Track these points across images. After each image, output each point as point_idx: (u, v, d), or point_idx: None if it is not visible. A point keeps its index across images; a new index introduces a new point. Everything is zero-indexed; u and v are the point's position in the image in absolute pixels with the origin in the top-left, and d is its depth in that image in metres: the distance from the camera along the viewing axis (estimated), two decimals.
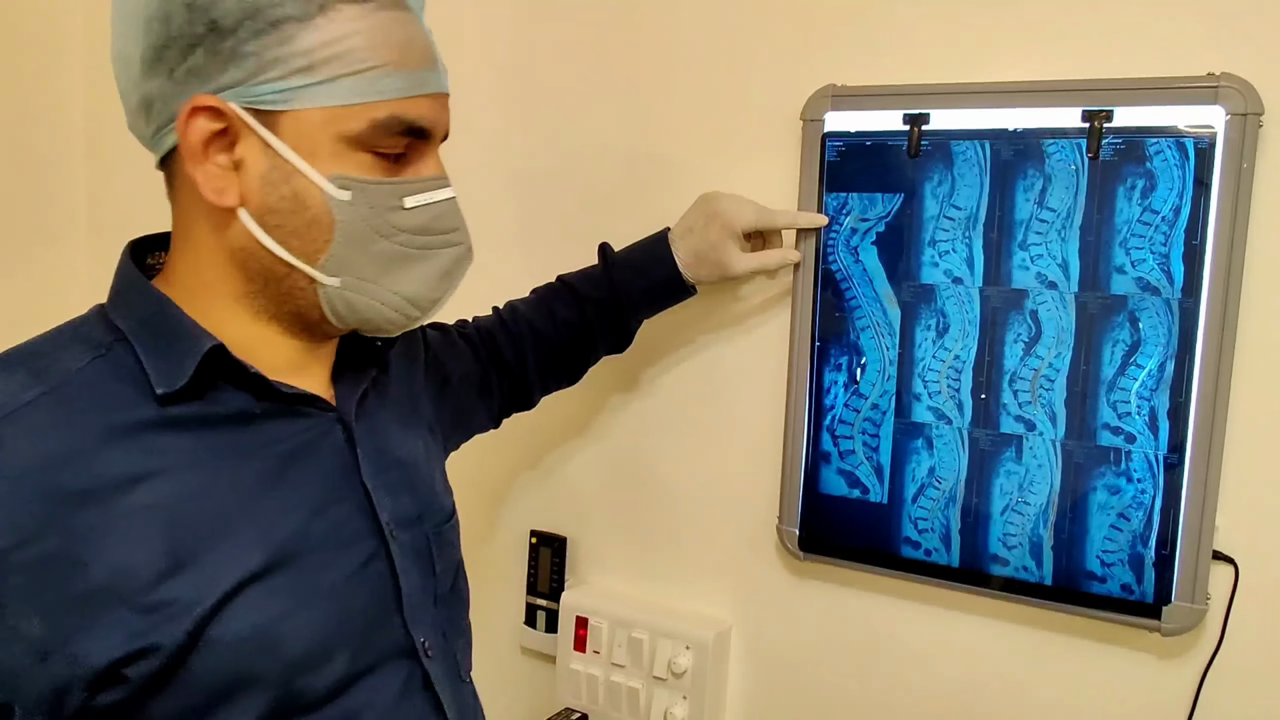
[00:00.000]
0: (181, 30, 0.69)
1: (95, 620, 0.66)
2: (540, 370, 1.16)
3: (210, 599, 0.69)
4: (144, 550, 0.68)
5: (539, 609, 1.39)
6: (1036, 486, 1.05)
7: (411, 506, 0.85)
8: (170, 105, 0.71)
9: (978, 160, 1.05)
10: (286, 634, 0.72)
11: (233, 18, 0.69)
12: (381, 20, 0.72)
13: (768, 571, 1.24)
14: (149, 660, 0.67)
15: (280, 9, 0.69)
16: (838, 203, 1.12)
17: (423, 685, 0.83)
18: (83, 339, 0.74)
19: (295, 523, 0.75)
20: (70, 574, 0.65)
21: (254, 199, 0.73)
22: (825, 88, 1.12)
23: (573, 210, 1.32)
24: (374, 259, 0.75)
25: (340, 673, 0.76)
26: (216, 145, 0.72)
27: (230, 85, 0.70)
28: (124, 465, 0.69)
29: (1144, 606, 1.01)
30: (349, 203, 0.73)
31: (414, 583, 0.83)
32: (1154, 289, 0.99)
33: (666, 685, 1.25)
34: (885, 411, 1.12)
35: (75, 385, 0.70)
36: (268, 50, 0.69)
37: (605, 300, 1.14)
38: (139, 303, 0.75)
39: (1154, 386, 0.99)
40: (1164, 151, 0.97)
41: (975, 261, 1.06)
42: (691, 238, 1.13)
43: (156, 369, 0.72)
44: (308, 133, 0.71)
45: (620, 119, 1.28)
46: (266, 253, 0.74)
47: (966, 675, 1.14)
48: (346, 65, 0.71)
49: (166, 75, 0.71)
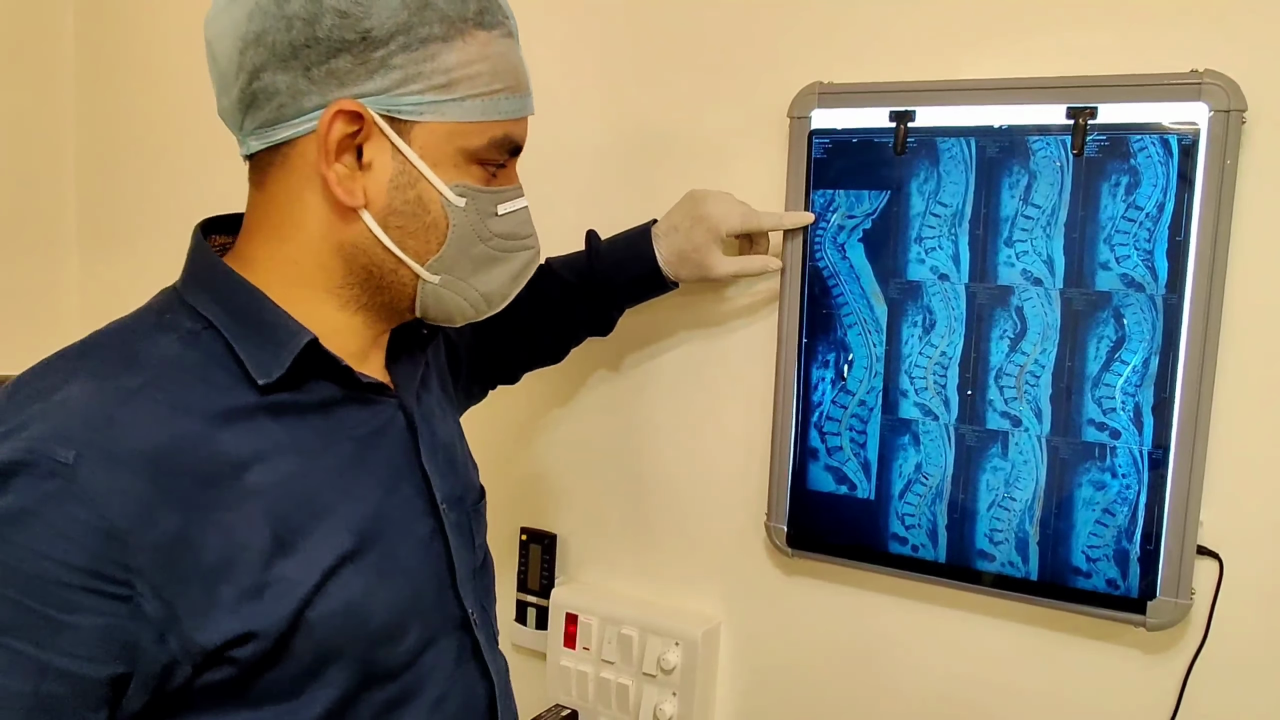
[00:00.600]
0: (329, 34, 0.72)
1: (208, 603, 0.69)
2: (520, 345, 1.19)
3: (312, 579, 0.73)
4: (253, 532, 0.71)
5: (529, 606, 1.39)
6: (1022, 482, 1.05)
7: (456, 486, 0.90)
8: (300, 101, 0.74)
9: (963, 157, 1.05)
10: (372, 610, 0.77)
11: (386, 30, 0.73)
12: (502, 47, 0.78)
13: (756, 568, 1.24)
14: (254, 643, 0.70)
15: (429, 28, 0.74)
16: (824, 200, 1.12)
17: (472, 653, 0.88)
18: (169, 326, 0.76)
19: (374, 504, 0.80)
20: (186, 556, 0.68)
21: (379, 200, 0.77)
22: (812, 85, 1.12)
23: (557, 206, 1.32)
24: (471, 260, 0.82)
25: (411, 644, 0.81)
26: (346, 148, 0.75)
27: (373, 93, 0.74)
28: (235, 449, 0.72)
29: (1129, 601, 1.01)
30: (463, 209, 0.79)
31: (462, 557, 0.88)
32: (1138, 285, 0.99)
33: (656, 682, 1.25)
34: (872, 408, 1.12)
35: (176, 371, 0.73)
36: (413, 65, 0.74)
37: (585, 287, 1.16)
38: (226, 291, 0.77)
39: (1138, 382, 1.00)
40: (1148, 148, 0.97)
41: (961, 258, 1.06)
42: (675, 237, 1.14)
43: (253, 359, 0.75)
44: (435, 143, 0.76)
45: (606, 117, 1.29)
46: (381, 250, 0.78)
47: (954, 670, 1.14)
48: (476, 86, 0.76)
49: (302, 72, 0.73)
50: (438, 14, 0.74)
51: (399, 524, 0.82)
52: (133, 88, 1.69)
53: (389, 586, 0.79)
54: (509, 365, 1.21)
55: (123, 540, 0.66)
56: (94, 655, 0.66)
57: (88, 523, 0.65)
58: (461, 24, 0.75)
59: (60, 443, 0.66)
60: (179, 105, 1.62)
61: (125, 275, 1.68)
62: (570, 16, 1.30)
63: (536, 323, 1.18)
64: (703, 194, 1.14)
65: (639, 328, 1.28)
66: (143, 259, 1.65)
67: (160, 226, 1.63)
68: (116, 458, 0.67)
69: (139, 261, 1.66)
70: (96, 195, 1.74)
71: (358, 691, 0.77)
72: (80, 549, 0.65)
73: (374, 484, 0.81)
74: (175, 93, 1.62)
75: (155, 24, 1.66)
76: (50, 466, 0.65)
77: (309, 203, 0.77)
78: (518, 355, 1.20)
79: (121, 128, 1.71)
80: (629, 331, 1.29)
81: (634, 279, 1.16)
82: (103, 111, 1.72)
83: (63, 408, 0.68)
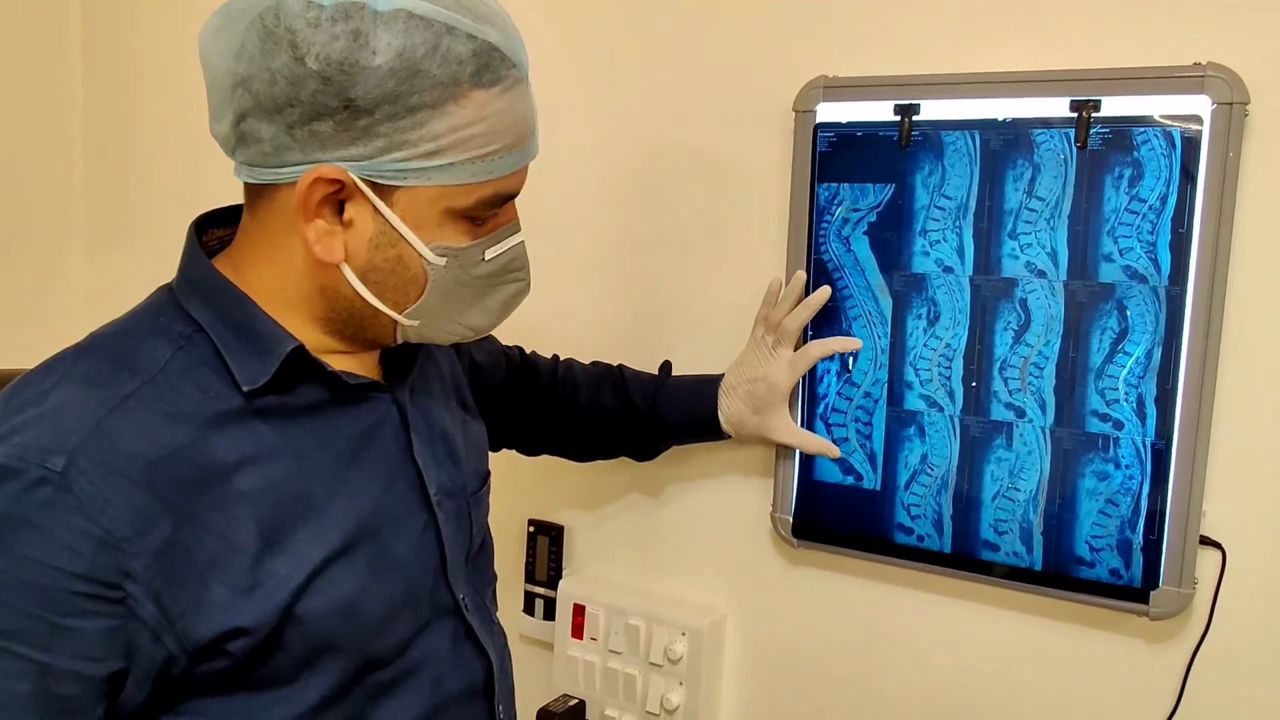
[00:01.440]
0: (312, 99, 0.70)
1: (200, 602, 0.71)
2: (557, 432, 1.21)
3: (300, 576, 0.74)
4: (243, 533, 0.73)
5: (537, 597, 1.40)
6: (1026, 473, 1.06)
7: (456, 475, 0.91)
8: (282, 155, 0.73)
9: (968, 150, 1.05)
10: (365, 605, 0.78)
11: (371, 99, 0.71)
12: (503, 104, 0.75)
13: (762, 559, 1.25)
14: (247, 637, 0.72)
15: (418, 96, 0.71)
16: (829, 193, 1.13)
17: (466, 636, 0.90)
18: (162, 330, 0.77)
19: (369, 501, 0.81)
20: (180, 559, 0.70)
21: (359, 258, 0.77)
22: (817, 79, 1.13)
23: (558, 206, 1.32)
24: (453, 303, 0.82)
25: (404, 633, 0.82)
26: (327, 204, 0.75)
27: (354, 159, 0.73)
28: (225, 453, 0.74)
29: (1132, 591, 1.02)
30: (443, 267, 0.78)
31: (455, 547, 0.89)
32: (1141, 277, 0.99)
33: (663, 672, 1.26)
34: (878, 400, 1.13)
35: (169, 376, 0.74)
36: (399, 133, 0.72)
37: (642, 411, 1.18)
38: (218, 299, 0.78)
39: (1141, 373, 1.00)
40: (1151, 141, 0.98)
41: (965, 250, 1.07)
42: (734, 397, 1.16)
43: (241, 366, 0.76)
44: (418, 206, 0.75)
45: (608, 113, 1.29)
46: (359, 299, 0.78)
47: (958, 660, 1.15)
48: (467, 150, 0.74)
49: (284, 129, 0.72)
50: (429, 81, 0.71)
51: (396, 519, 0.83)
52: (141, 84, 1.70)
53: (383, 581, 0.80)
54: (530, 438, 1.22)
55: (119, 548, 0.68)
56: (94, 655, 0.69)
57: (85, 531, 0.67)
58: (455, 87, 0.72)
59: (51, 450, 0.67)
60: (186, 101, 1.62)
61: (131, 270, 1.68)
62: (570, 12, 1.30)
63: (587, 420, 1.19)
64: (754, 359, 1.15)
65: (647, 319, 1.29)
66: (149, 253, 1.65)
67: (167, 221, 1.64)
68: (111, 466, 0.68)
69: (145, 256, 1.66)
70: (104, 190, 1.75)
71: (354, 677, 0.79)
72: (78, 557, 0.67)
73: (369, 481, 0.82)
74: (183, 89, 1.63)
75: (163, 21, 1.67)
76: (39, 474, 0.66)
77: (294, 243, 0.77)
78: (544, 435, 1.21)
79: (129, 123, 1.71)
80: (637, 323, 1.29)
81: (692, 421, 1.17)
82: (110, 107, 1.73)
83: (56, 415, 0.69)
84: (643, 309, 1.29)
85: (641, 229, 1.28)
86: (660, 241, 1.27)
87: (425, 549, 0.86)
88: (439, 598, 0.87)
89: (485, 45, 0.73)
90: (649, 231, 1.28)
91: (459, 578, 0.89)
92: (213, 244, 0.84)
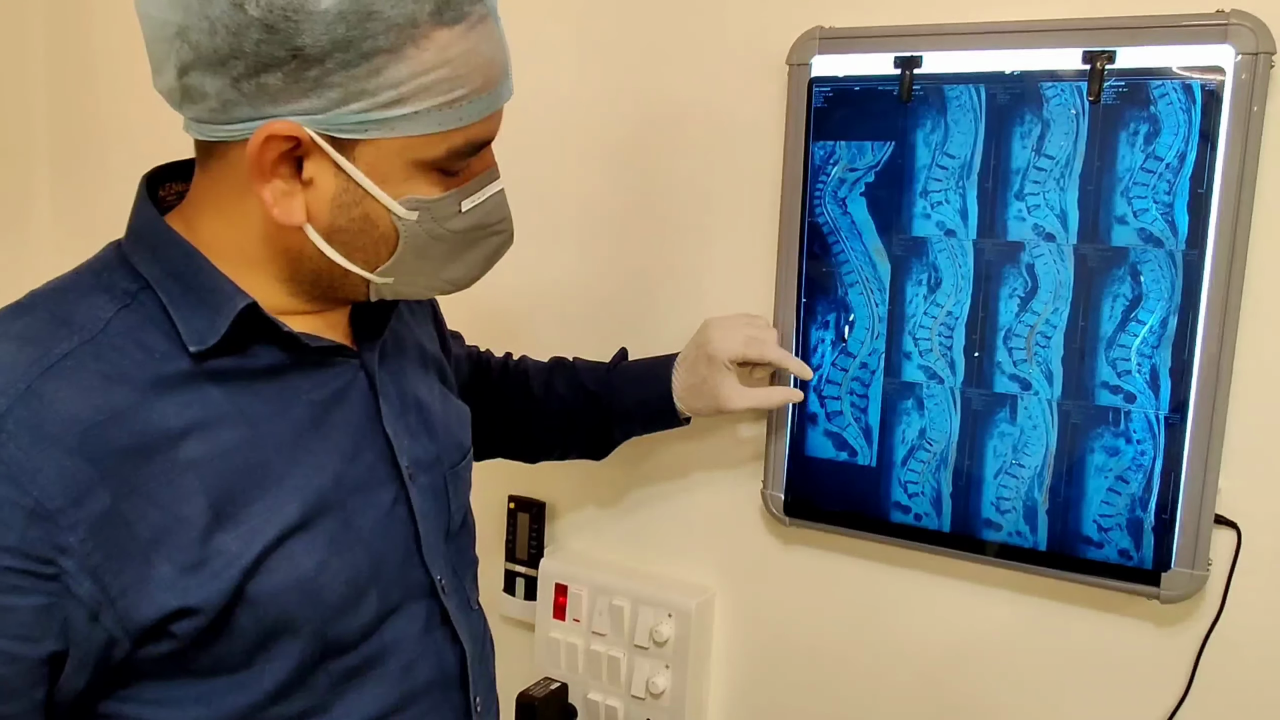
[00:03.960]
0: (256, 50, 0.65)
1: (143, 579, 0.66)
2: (507, 429, 1.15)
3: (252, 553, 0.69)
4: (190, 506, 0.68)
5: (518, 576, 1.35)
6: (1031, 448, 1.01)
7: (431, 447, 0.86)
8: (230, 111, 0.68)
9: (972, 105, 1.00)
10: (324, 583, 0.73)
11: (320, 48, 0.65)
12: (470, 42, 0.70)
13: (752, 537, 1.21)
14: (194, 618, 0.67)
15: (373, 41, 0.66)
16: (825, 152, 1.07)
17: (440, 620, 0.85)
18: (106, 286, 0.72)
19: (331, 472, 0.76)
20: (119, 532, 0.66)
21: (322, 218, 0.72)
22: (812, 30, 1.07)
23: (541, 173, 1.27)
24: (430, 259, 0.77)
25: (370, 615, 0.77)
26: (284, 162, 0.69)
27: (308, 112, 0.67)
28: (171, 419, 0.69)
29: (1142, 573, 0.97)
30: (415, 221, 0.73)
31: (430, 523, 0.84)
32: (1157, 240, 0.94)
33: (648, 654, 1.22)
34: (874, 371, 1.08)
35: (110, 335, 0.69)
36: (354, 82, 0.67)
37: (595, 396, 1.12)
38: (166, 253, 0.73)
39: (1155, 343, 0.95)
40: (1169, 94, 0.92)
41: (969, 213, 1.01)
42: (684, 369, 1.09)
43: (188, 324, 0.71)
44: (383, 159, 0.70)
45: (591, 71, 1.23)
46: (326, 260, 0.74)
47: (958, 644, 1.11)
48: (433, 96, 0.69)
49: (229, 83, 0.66)
50: (384, 24, 0.65)
51: (360, 491, 0.78)
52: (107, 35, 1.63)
53: (345, 558, 0.75)
54: (479, 438, 1.14)
55: (51, 519, 0.63)
56: (28, 635, 0.64)
57: (14, 501, 0.63)
58: (414, 29, 0.66)
59: None
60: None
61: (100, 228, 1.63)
62: None
63: (531, 411, 1.14)
64: (708, 322, 1.09)
65: (631, 285, 1.23)
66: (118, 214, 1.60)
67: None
68: (42, 432, 0.64)
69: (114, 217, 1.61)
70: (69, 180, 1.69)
71: (314, 662, 0.75)
72: (6, 529, 0.63)
73: (332, 449, 0.77)
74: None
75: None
76: None
77: (251, 204, 0.71)
78: (493, 432, 1.15)
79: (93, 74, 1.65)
80: (619, 289, 1.24)
81: (644, 401, 1.11)
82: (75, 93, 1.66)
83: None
84: (624, 277, 1.24)
85: (623, 190, 1.23)
86: (644, 204, 1.22)
87: (395, 524, 0.81)
88: (412, 578, 0.82)
89: None
90: (631, 193, 1.22)
91: (436, 557, 0.85)
92: (170, 199, 0.79)
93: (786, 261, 1.11)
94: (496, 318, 1.31)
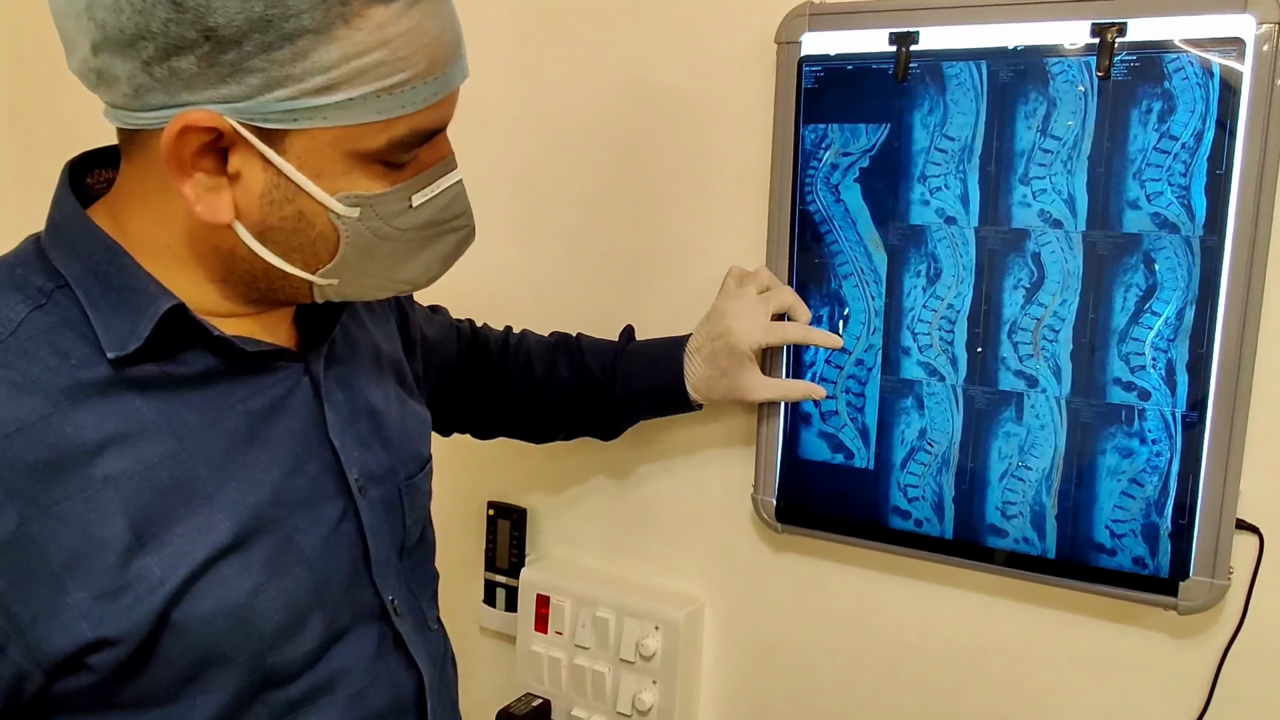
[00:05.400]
0: (164, 30, 0.59)
1: (54, 607, 0.62)
2: (511, 411, 1.10)
3: (178, 577, 0.65)
4: (107, 527, 0.63)
5: (498, 586, 1.29)
6: (1039, 449, 0.95)
7: (384, 458, 0.81)
8: (144, 97, 0.62)
9: (973, 84, 0.94)
10: (259, 609, 0.69)
11: (236, 28, 0.59)
12: (413, 18, 0.63)
13: (743, 545, 1.15)
14: (112, 649, 0.63)
15: (295, 20, 0.59)
16: (816, 135, 1.01)
17: (394, 643, 0.80)
18: (18, 285, 0.66)
19: (268, 487, 0.70)
20: (29, 557, 0.61)
21: (252, 216, 0.66)
22: (801, 5, 1.01)
23: (503, 148, 1.21)
24: (378, 260, 0.71)
25: (314, 642, 0.73)
26: (205, 154, 0.63)
27: (229, 100, 0.61)
28: (87, 431, 0.63)
29: (1159, 582, 0.92)
30: (356, 219, 0.67)
31: (382, 540, 0.79)
32: (1172, 226, 0.88)
33: (634, 669, 1.16)
34: (871, 368, 1.02)
35: (21, 339, 0.64)
36: (278, 66, 0.61)
37: (602, 382, 1.06)
38: (86, 248, 0.67)
39: (1171, 336, 0.89)
40: (1184, 69, 0.86)
41: (971, 199, 0.95)
42: (700, 359, 1.04)
43: (107, 327, 0.65)
44: (316, 150, 0.64)
45: (567, 51, 1.17)
46: (262, 261, 0.68)
47: (962, 657, 1.05)
48: (369, 81, 0.63)
49: (140, 66, 0.60)
50: (308, 1, 0.59)
51: (302, 507, 0.73)
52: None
53: (283, 581, 0.70)
54: (483, 419, 1.11)
55: None
56: None
57: None
58: (343, 6, 0.60)
59: None
60: None
61: None
62: None
63: (534, 396, 1.08)
64: (723, 311, 1.02)
65: (616, 274, 1.17)
66: None
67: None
68: None
69: None
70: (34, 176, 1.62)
71: (251, 694, 0.70)
72: None
73: (270, 463, 0.71)
74: None
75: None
76: None
77: (176, 200, 0.65)
78: (497, 414, 1.10)
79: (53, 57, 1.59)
80: (603, 278, 1.18)
81: (653, 390, 1.05)
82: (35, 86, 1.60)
83: None
84: (607, 267, 1.18)
85: (605, 176, 1.17)
86: (626, 191, 1.16)
87: (341, 542, 0.75)
88: (361, 599, 0.77)
89: None
90: (614, 180, 1.17)
91: (388, 576, 0.79)
92: (100, 186, 0.73)
93: (777, 252, 1.05)
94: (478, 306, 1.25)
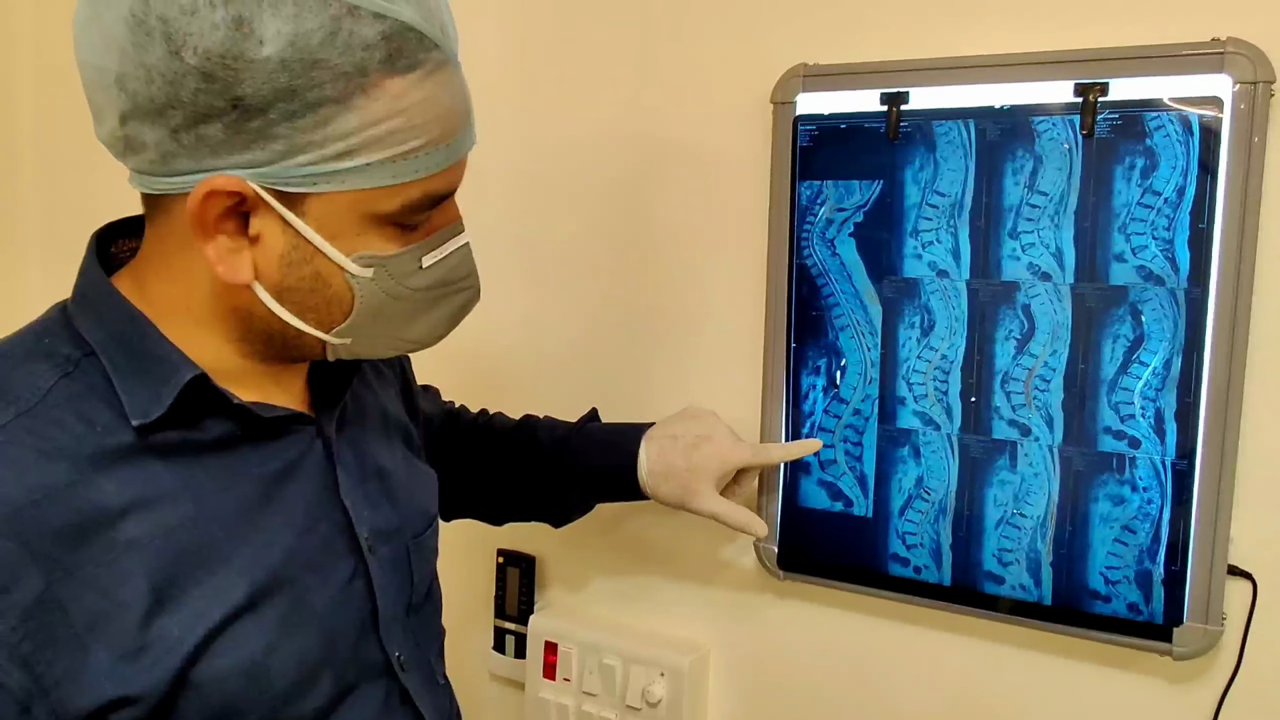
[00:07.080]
0: (194, 99, 0.61)
1: (78, 668, 0.62)
2: (468, 486, 1.10)
3: (195, 636, 0.66)
4: (129, 589, 0.64)
5: (507, 633, 1.31)
6: (1033, 497, 0.96)
7: (392, 517, 0.82)
8: (171, 163, 0.64)
9: (962, 142, 0.96)
10: (273, 666, 0.70)
11: (262, 97, 0.61)
12: (426, 91, 0.66)
13: (746, 592, 1.16)
14: (132, 708, 0.64)
15: (319, 90, 0.62)
16: (811, 192, 1.04)
17: (401, 699, 0.81)
18: (46, 353, 0.68)
19: (282, 548, 0.72)
20: (53, 619, 0.62)
21: (271, 276, 0.68)
22: (796, 67, 1.03)
23: (509, 204, 1.24)
24: (389, 319, 0.73)
25: (324, 698, 0.74)
26: (228, 217, 0.66)
27: (252, 165, 0.64)
28: (111, 497, 0.65)
29: (1153, 628, 0.92)
30: (370, 279, 0.70)
31: (390, 597, 0.80)
32: (1157, 278, 0.90)
33: (641, 715, 1.17)
34: (868, 417, 1.03)
35: (48, 407, 0.65)
36: (301, 134, 0.63)
37: (553, 457, 1.07)
38: (110, 316, 0.69)
39: (1159, 386, 0.91)
40: (1165, 126, 0.88)
41: (962, 252, 0.97)
42: (672, 447, 1.03)
43: (131, 395, 0.67)
44: (333, 213, 0.66)
45: (570, 109, 1.20)
46: (279, 320, 0.70)
47: (960, 701, 1.05)
48: (386, 148, 0.65)
49: (168, 133, 0.63)
50: (330, 73, 0.61)
51: (314, 567, 0.74)
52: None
53: (296, 639, 0.71)
54: (445, 496, 1.10)
55: None
56: None
57: None
58: (363, 78, 0.62)
59: None
60: None
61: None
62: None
63: (486, 470, 1.09)
64: (713, 417, 1.04)
65: (615, 330, 1.20)
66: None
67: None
68: None
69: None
70: (59, 200, 1.66)
71: None
72: None
73: (283, 525, 0.73)
74: None
75: None
76: None
77: (198, 261, 0.68)
78: (457, 491, 1.09)
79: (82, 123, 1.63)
80: (603, 333, 1.20)
81: (603, 470, 1.05)
82: (63, 112, 1.65)
83: None
84: (607, 321, 1.20)
85: (607, 232, 1.19)
86: (628, 247, 1.18)
87: (351, 600, 0.77)
88: (367, 656, 0.78)
89: (397, 25, 0.63)
90: (615, 235, 1.19)
91: (394, 632, 0.80)
92: (124, 255, 0.76)
93: (775, 305, 1.07)
94: (474, 362, 1.28)
